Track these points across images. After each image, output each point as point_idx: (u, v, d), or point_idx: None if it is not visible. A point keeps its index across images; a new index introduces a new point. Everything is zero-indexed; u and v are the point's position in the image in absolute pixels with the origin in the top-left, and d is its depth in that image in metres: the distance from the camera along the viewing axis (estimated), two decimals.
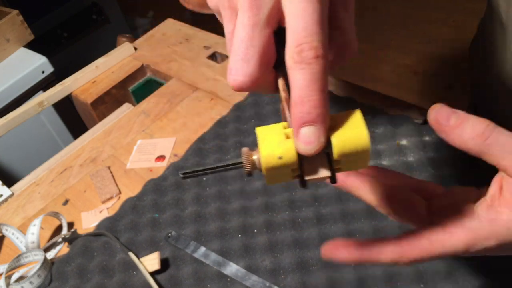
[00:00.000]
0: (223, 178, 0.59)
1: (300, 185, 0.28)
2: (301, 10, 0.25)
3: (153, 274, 0.51)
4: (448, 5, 2.26)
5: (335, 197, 0.53)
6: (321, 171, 0.27)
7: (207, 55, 0.84)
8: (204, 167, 0.31)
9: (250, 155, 0.29)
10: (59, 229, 0.61)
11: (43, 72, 1.25)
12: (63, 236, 0.58)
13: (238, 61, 0.26)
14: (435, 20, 2.22)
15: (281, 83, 0.28)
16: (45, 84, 1.25)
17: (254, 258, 0.51)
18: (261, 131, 0.28)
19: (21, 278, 0.55)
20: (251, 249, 0.51)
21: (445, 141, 0.31)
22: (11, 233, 0.60)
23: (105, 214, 0.61)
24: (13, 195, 0.67)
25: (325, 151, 0.27)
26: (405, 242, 0.30)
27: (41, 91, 1.24)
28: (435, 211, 0.33)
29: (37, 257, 0.55)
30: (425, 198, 0.34)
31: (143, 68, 0.87)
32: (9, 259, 0.57)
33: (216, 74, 0.79)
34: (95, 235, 0.57)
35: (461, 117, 0.29)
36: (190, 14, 2.64)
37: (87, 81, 0.85)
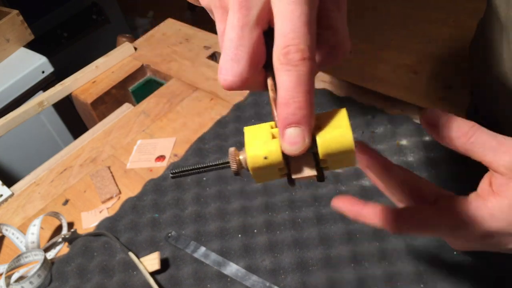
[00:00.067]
0: (223, 178, 0.59)
1: (288, 183, 0.29)
2: (289, 12, 0.25)
3: (153, 274, 0.51)
4: (448, 5, 2.26)
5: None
6: (308, 170, 0.28)
7: (207, 55, 0.84)
8: (192, 167, 0.31)
9: (236, 155, 0.29)
10: (59, 229, 0.61)
11: (43, 72, 1.25)
12: (63, 236, 0.58)
13: (228, 61, 0.26)
14: (435, 20, 2.22)
15: (270, 83, 0.28)
16: (45, 84, 1.25)
17: (254, 258, 0.51)
18: (248, 130, 0.29)
19: (21, 278, 0.55)
20: (251, 249, 0.51)
21: None
22: (11, 233, 0.60)
23: (105, 214, 0.61)
24: (13, 195, 0.67)
25: (312, 150, 0.27)
26: (395, 212, 0.34)
27: (41, 91, 1.24)
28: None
29: (37, 257, 0.55)
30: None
31: (143, 68, 0.87)
32: (9, 259, 0.57)
33: (216, 74, 0.79)
34: (95, 235, 0.57)
35: (449, 119, 0.32)
36: (190, 14, 2.65)
37: (87, 81, 0.85)
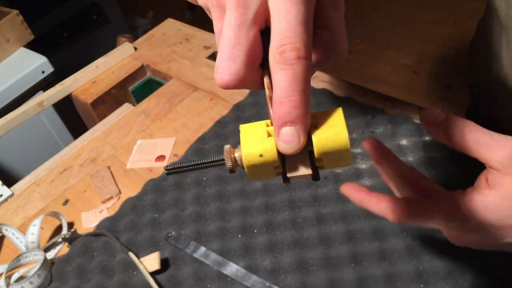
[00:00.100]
0: (223, 178, 0.59)
1: (283, 182, 0.28)
2: (285, 10, 0.25)
3: (153, 274, 0.51)
4: (448, 5, 2.26)
5: (335, 197, 0.54)
6: (303, 168, 0.28)
7: (207, 55, 0.84)
8: (187, 163, 0.31)
9: (232, 153, 0.29)
10: (59, 229, 0.61)
11: (43, 72, 1.25)
12: (63, 236, 0.58)
13: (224, 59, 0.26)
14: (435, 20, 2.22)
15: (266, 82, 0.28)
16: (45, 84, 1.25)
17: (254, 258, 0.51)
18: (244, 128, 0.28)
19: (21, 278, 0.55)
20: (251, 249, 0.51)
21: None
22: (11, 233, 0.60)
23: (105, 214, 0.61)
24: (13, 195, 0.67)
25: (307, 149, 0.27)
26: (396, 202, 0.36)
27: (41, 91, 1.24)
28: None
29: (37, 257, 0.55)
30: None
31: (143, 68, 0.87)
32: (9, 259, 0.57)
33: None
34: (95, 235, 0.57)
35: (446, 118, 0.34)
36: (190, 14, 2.65)
37: (87, 81, 0.85)
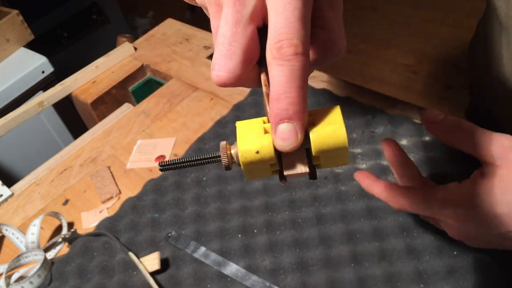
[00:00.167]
0: (223, 178, 0.59)
1: (279, 180, 0.28)
2: (283, 6, 0.25)
3: (153, 274, 0.51)
4: (446, 5, 2.26)
5: (335, 197, 0.54)
6: (300, 166, 0.27)
7: (207, 55, 0.84)
8: (182, 159, 0.30)
9: (228, 149, 0.28)
10: (59, 229, 0.61)
11: (43, 72, 1.25)
12: (63, 236, 0.58)
13: (221, 57, 0.26)
14: (434, 20, 2.22)
15: (263, 78, 0.28)
16: (45, 84, 1.25)
17: (254, 258, 0.51)
18: (240, 125, 0.28)
19: (21, 278, 0.55)
20: (251, 249, 0.51)
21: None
22: (11, 233, 0.60)
23: (105, 214, 0.61)
24: (13, 195, 0.67)
25: (304, 146, 0.26)
26: (398, 189, 0.41)
27: (41, 91, 1.24)
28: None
29: (37, 257, 0.55)
30: None
31: (143, 68, 0.87)
32: (9, 259, 0.57)
33: None
34: (95, 235, 0.57)
35: (444, 117, 0.38)
36: (190, 14, 2.65)
37: (87, 81, 0.85)
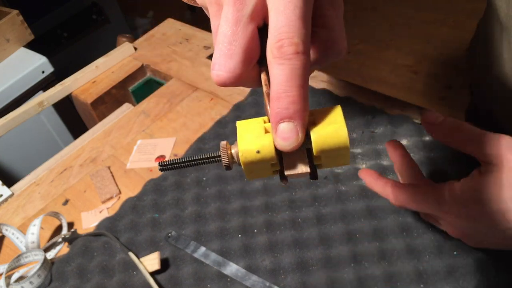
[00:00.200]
0: (223, 178, 0.59)
1: (280, 180, 0.28)
2: (284, 6, 0.24)
3: (153, 274, 0.51)
4: (447, 5, 2.26)
5: (335, 197, 0.54)
6: (301, 166, 0.27)
7: (207, 55, 0.84)
8: (182, 159, 0.30)
9: (228, 149, 0.28)
10: (59, 229, 0.61)
11: (43, 72, 1.25)
12: (63, 236, 0.58)
13: (221, 56, 0.26)
14: (434, 20, 2.22)
15: (263, 77, 0.28)
16: (45, 84, 1.25)
17: (254, 258, 0.51)
18: (241, 124, 0.28)
19: (21, 278, 0.55)
20: (251, 249, 0.51)
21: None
22: (11, 233, 0.60)
23: (105, 214, 0.61)
24: (13, 195, 0.67)
25: (305, 146, 0.26)
26: (399, 186, 0.44)
27: (41, 91, 1.24)
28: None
29: (37, 257, 0.55)
30: None
31: (143, 68, 0.87)
32: (9, 259, 0.57)
33: None
34: (95, 235, 0.57)
35: (443, 119, 0.39)
36: (190, 14, 2.65)
37: (87, 81, 0.85)
